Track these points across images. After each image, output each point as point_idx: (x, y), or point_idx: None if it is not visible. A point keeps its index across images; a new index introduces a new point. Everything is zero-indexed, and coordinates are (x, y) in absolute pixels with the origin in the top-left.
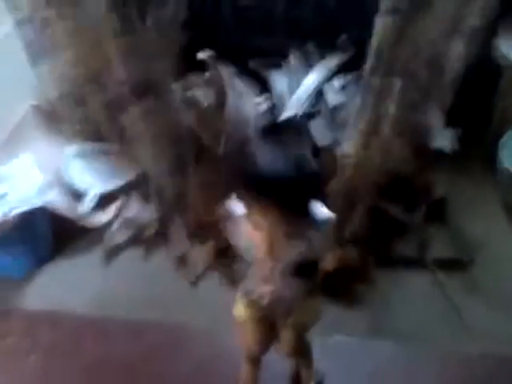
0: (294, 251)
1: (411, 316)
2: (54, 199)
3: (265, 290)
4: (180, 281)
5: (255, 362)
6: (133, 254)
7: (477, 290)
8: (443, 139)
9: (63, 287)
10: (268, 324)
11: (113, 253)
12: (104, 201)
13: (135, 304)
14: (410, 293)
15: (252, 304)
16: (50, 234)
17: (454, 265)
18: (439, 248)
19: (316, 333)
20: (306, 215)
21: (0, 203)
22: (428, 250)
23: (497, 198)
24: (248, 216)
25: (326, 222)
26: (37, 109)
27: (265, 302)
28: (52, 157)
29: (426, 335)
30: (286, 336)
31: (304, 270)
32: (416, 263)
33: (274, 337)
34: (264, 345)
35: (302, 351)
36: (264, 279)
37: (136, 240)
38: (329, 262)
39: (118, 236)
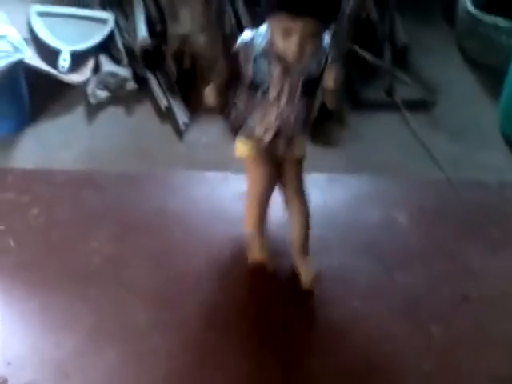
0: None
1: (383, 152)
2: (31, 56)
3: (269, 124)
4: (165, 133)
5: (262, 204)
6: (115, 111)
7: (440, 126)
8: None
9: (51, 146)
10: (271, 158)
11: (95, 108)
12: (77, 61)
13: (124, 157)
14: (381, 131)
15: (254, 141)
16: (26, 93)
17: (419, 105)
18: (404, 91)
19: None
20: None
21: None
22: (395, 93)
23: (454, 43)
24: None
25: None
26: None
27: (267, 137)
28: (22, 17)
29: (398, 167)
30: (290, 168)
31: (309, 88)
32: (385, 105)
33: (278, 172)
34: (270, 181)
35: (302, 185)
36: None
37: (116, 97)
38: (330, 82)
39: (98, 92)
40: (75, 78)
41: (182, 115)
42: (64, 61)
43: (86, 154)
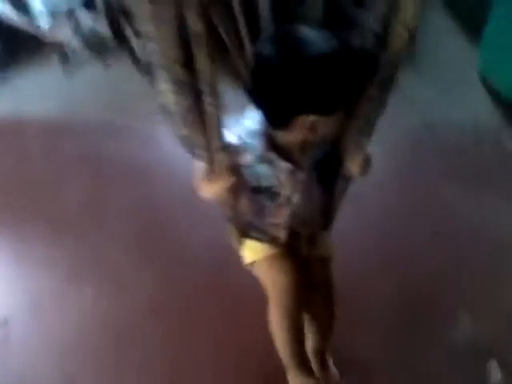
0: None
1: None
2: (7, 10)
3: (283, 226)
4: (145, 85)
5: (295, 323)
6: (94, 66)
7: (419, 73)
8: None
9: (27, 97)
10: (292, 261)
11: (74, 63)
12: (56, 17)
13: (103, 107)
14: None
15: (268, 241)
16: None
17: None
18: None
19: None
20: None
21: None
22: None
23: None
24: None
25: None
26: None
27: (283, 236)
28: None
29: None
30: (316, 270)
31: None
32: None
33: (305, 273)
34: (298, 289)
35: (331, 291)
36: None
37: (96, 52)
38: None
39: (77, 48)
40: (54, 33)
41: None
42: (42, 15)
43: (63, 103)
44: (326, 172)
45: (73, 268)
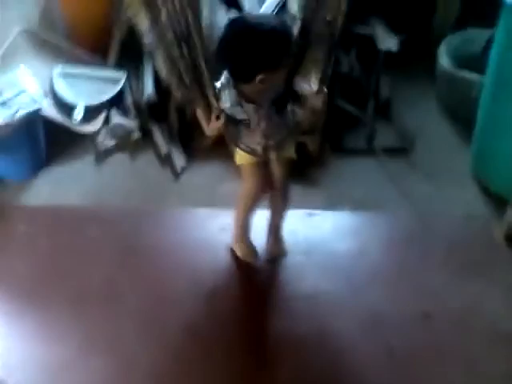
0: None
1: (361, 191)
2: (49, 108)
3: (258, 142)
4: (164, 175)
5: (252, 207)
6: (121, 157)
7: (415, 170)
8: (389, 43)
9: (62, 186)
10: (263, 165)
11: (103, 155)
12: (90, 114)
13: (126, 195)
14: (360, 174)
15: (250, 153)
16: (44, 140)
17: (396, 152)
18: (384, 139)
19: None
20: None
21: (3, 108)
22: (375, 141)
23: (434, 98)
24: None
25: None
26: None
27: (259, 150)
28: (43, 72)
29: (374, 204)
30: (277, 171)
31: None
32: (364, 151)
33: (269, 174)
34: (262, 182)
35: (287, 185)
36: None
37: (123, 145)
38: (317, 103)
39: (107, 141)
40: (87, 128)
41: (179, 160)
42: (78, 113)
43: (91, 193)
44: (280, 106)
45: (86, 338)
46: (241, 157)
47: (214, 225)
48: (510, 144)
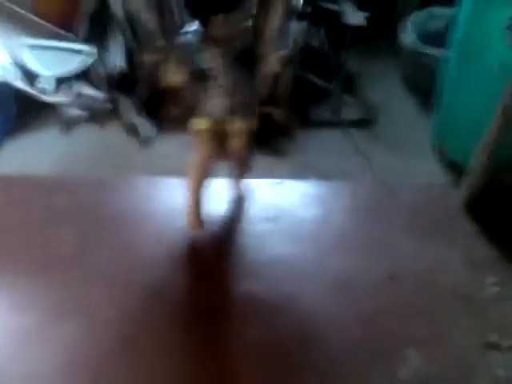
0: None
1: (327, 162)
2: (17, 78)
3: (221, 102)
4: (132, 145)
5: (204, 173)
6: (90, 127)
7: (379, 141)
8: (355, 19)
9: (30, 156)
10: (220, 134)
11: (70, 125)
12: (59, 85)
13: (94, 164)
14: (326, 145)
15: (207, 118)
16: (13, 109)
17: (361, 123)
18: (350, 112)
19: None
20: None
21: None
22: (341, 113)
23: (398, 73)
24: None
25: None
26: None
27: (218, 111)
28: (11, 43)
29: (340, 174)
30: (234, 142)
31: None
32: (331, 123)
33: (225, 144)
34: (217, 151)
35: (246, 157)
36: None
37: (92, 115)
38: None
39: (74, 111)
40: (56, 99)
41: (146, 130)
42: (46, 84)
43: (60, 163)
44: (245, 64)
45: (57, 303)
46: (197, 122)
47: (180, 193)
48: (469, 115)
